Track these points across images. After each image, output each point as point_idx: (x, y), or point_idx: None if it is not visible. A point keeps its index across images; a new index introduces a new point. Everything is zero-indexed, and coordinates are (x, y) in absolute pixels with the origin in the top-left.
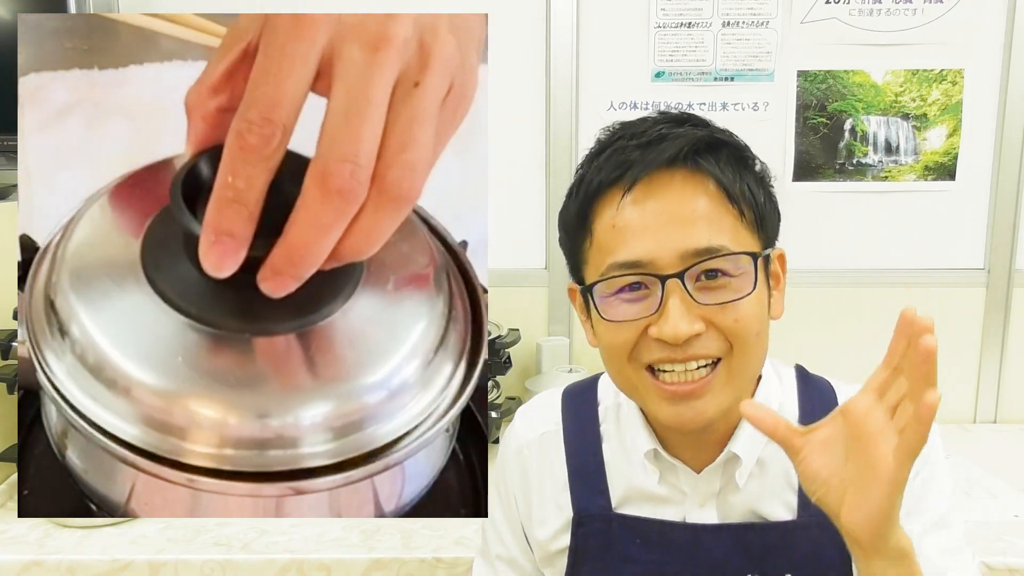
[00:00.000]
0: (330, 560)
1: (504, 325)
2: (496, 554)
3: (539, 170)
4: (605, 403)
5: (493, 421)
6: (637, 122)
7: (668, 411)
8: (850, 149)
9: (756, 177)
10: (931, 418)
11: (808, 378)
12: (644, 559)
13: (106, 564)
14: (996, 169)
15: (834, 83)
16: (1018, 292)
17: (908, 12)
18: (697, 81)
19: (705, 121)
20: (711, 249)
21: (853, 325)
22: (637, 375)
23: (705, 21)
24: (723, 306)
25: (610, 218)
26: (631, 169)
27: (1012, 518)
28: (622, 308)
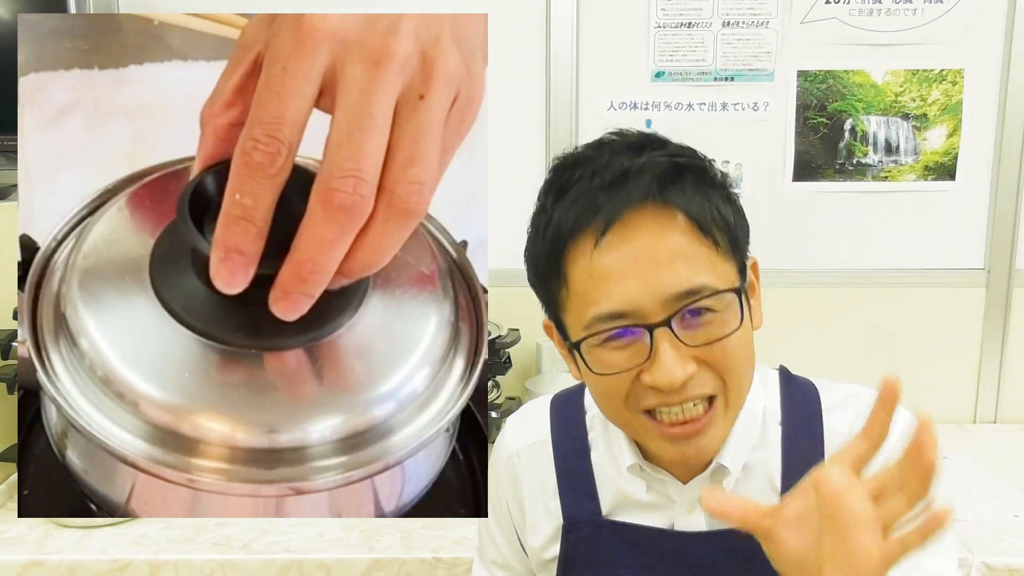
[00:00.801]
0: (330, 560)
1: (504, 325)
2: (491, 559)
3: (539, 170)
4: (592, 411)
5: (493, 421)
6: (593, 154)
7: (671, 450)
8: (850, 149)
9: (723, 194)
10: (939, 530)
11: (791, 379)
12: (634, 565)
13: (106, 564)
14: (996, 169)
15: (834, 83)
16: (1018, 292)
17: (908, 12)
18: (697, 81)
19: (662, 141)
20: (693, 291)
21: (853, 325)
22: (636, 419)
23: (705, 21)
24: (712, 344)
25: (585, 266)
26: (601, 212)
27: (1012, 518)
28: (612, 357)
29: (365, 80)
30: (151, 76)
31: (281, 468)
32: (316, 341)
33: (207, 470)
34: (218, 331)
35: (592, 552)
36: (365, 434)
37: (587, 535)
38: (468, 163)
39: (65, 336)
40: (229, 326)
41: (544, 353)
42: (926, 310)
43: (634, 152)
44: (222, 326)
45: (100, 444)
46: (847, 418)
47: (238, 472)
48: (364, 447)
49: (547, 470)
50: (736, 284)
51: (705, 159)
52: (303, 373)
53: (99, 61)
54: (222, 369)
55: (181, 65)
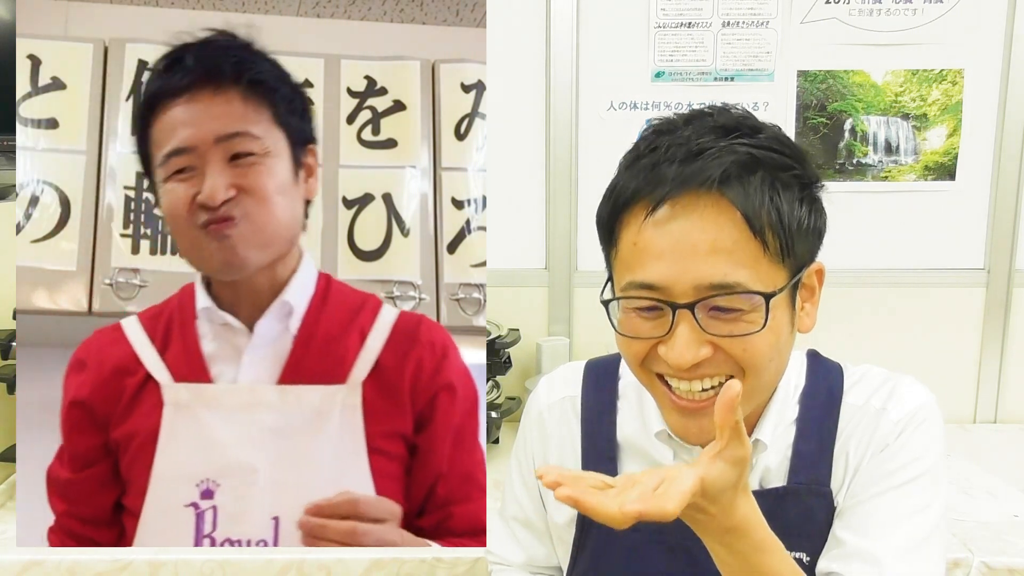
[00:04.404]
0: (330, 560)
1: (504, 325)
2: (512, 515)
3: (539, 170)
4: (627, 378)
5: (493, 421)
6: (679, 127)
7: (676, 422)
8: (850, 149)
9: (797, 196)
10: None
11: (819, 358)
12: (646, 528)
13: (106, 564)
14: (996, 169)
15: (834, 83)
16: (1018, 292)
17: (908, 12)
18: (697, 81)
19: (756, 128)
20: (726, 285)
21: (853, 325)
22: (649, 380)
23: (705, 21)
24: (732, 338)
25: (633, 235)
26: (659, 187)
27: (1012, 518)
28: (636, 323)
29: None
30: None
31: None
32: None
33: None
34: None
35: None
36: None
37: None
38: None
39: None
40: None
41: (544, 353)
42: (926, 310)
43: (720, 134)
44: None
45: None
46: (863, 393)
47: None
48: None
49: (574, 427)
50: (776, 287)
51: (794, 157)
52: None
53: None
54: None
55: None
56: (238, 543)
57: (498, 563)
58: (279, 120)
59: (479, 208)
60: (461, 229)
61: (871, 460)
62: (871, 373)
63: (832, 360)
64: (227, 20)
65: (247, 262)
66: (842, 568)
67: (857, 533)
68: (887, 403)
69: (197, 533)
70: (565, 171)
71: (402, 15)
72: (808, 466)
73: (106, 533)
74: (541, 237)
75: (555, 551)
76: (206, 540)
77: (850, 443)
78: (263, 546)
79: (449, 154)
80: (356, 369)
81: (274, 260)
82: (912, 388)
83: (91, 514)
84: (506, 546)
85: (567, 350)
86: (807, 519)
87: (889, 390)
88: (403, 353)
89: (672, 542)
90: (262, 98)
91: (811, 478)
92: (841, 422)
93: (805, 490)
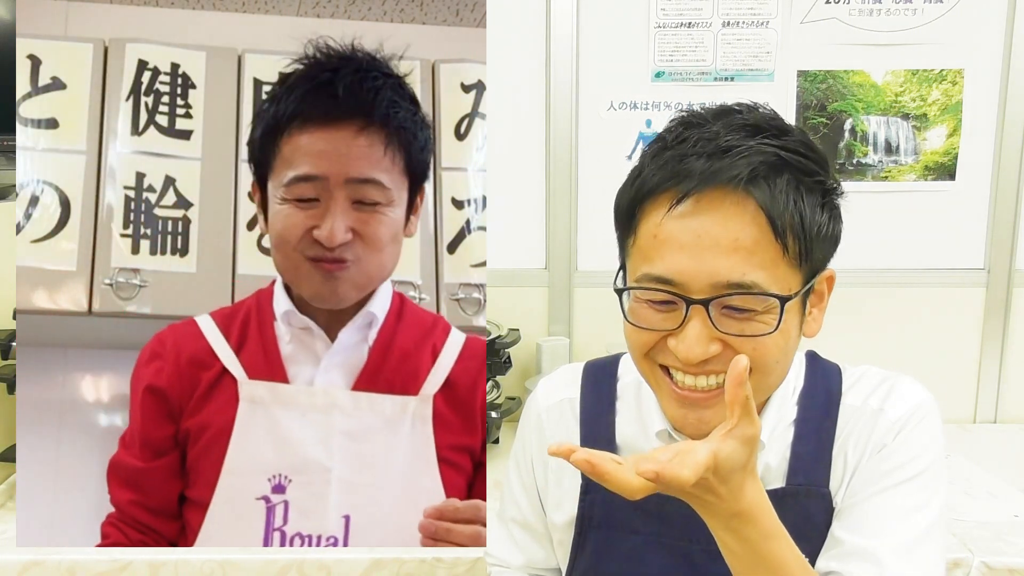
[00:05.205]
0: (330, 560)
1: (504, 325)
2: (511, 517)
3: (539, 170)
4: (625, 379)
5: (493, 421)
6: (708, 121)
7: (675, 412)
8: (850, 149)
9: (819, 201)
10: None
11: (817, 360)
12: (645, 531)
13: (106, 564)
14: (996, 169)
15: (834, 83)
16: (1018, 292)
17: (908, 12)
18: (697, 81)
19: (784, 129)
20: (743, 285)
21: (853, 325)
22: (652, 370)
23: (705, 21)
24: (743, 338)
25: (654, 226)
26: (686, 180)
27: (1012, 518)
28: (647, 314)
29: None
30: None
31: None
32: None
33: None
34: None
35: (606, 514)
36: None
37: (603, 498)
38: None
39: None
40: None
41: (544, 353)
42: (926, 310)
43: (747, 133)
44: None
45: None
46: (861, 393)
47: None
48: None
49: (572, 429)
50: (791, 291)
51: (818, 163)
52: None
53: None
54: None
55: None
56: (308, 539)
57: (497, 565)
58: (410, 168)
59: (479, 208)
60: (461, 229)
61: (869, 460)
62: (869, 373)
63: (831, 361)
64: (359, 31)
65: (346, 299)
66: (841, 567)
67: (856, 532)
68: (885, 403)
69: (267, 526)
70: (565, 171)
71: (402, 15)
72: (807, 467)
73: (171, 525)
74: (541, 237)
75: (554, 553)
76: (276, 533)
77: (848, 443)
78: (333, 543)
79: (449, 154)
80: (428, 383)
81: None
82: (910, 387)
83: (158, 504)
84: (505, 548)
85: (567, 350)
86: (806, 520)
87: (887, 390)
88: (475, 373)
89: (670, 544)
90: (400, 145)
91: (810, 479)
92: (840, 423)
93: (804, 491)
